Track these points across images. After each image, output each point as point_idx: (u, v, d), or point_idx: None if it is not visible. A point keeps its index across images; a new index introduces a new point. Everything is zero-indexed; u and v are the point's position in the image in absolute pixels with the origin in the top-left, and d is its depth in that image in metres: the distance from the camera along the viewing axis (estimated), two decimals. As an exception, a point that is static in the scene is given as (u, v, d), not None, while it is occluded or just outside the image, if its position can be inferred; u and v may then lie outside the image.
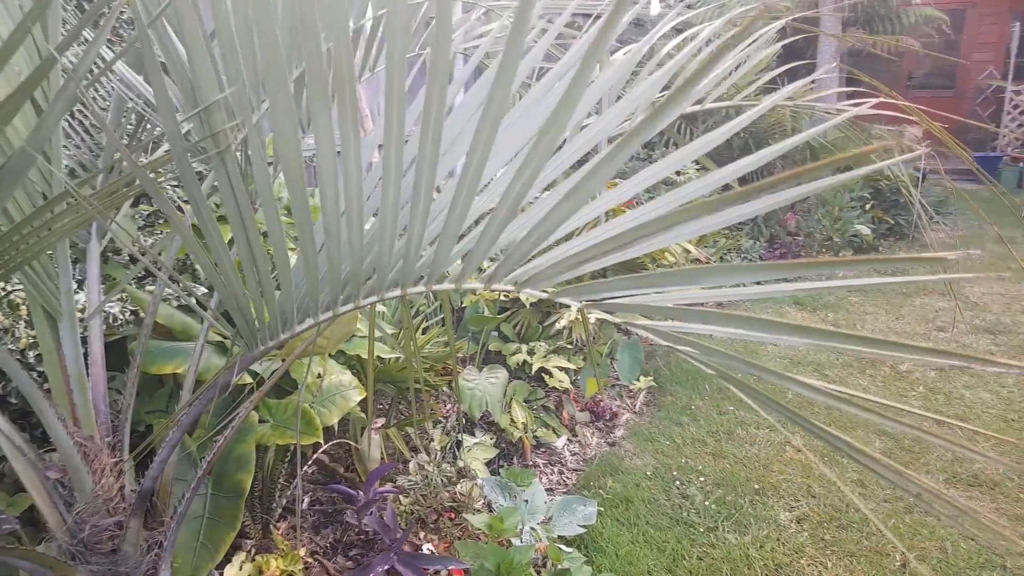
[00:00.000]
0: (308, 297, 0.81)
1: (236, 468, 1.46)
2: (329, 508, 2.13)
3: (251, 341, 0.88)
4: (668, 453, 2.84)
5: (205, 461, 1.18)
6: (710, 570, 2.16)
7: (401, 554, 1.71)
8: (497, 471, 2.62)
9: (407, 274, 0.75)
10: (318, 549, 1.90)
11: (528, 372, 3.10)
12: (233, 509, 1.40)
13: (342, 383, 1.94)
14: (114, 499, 1.11)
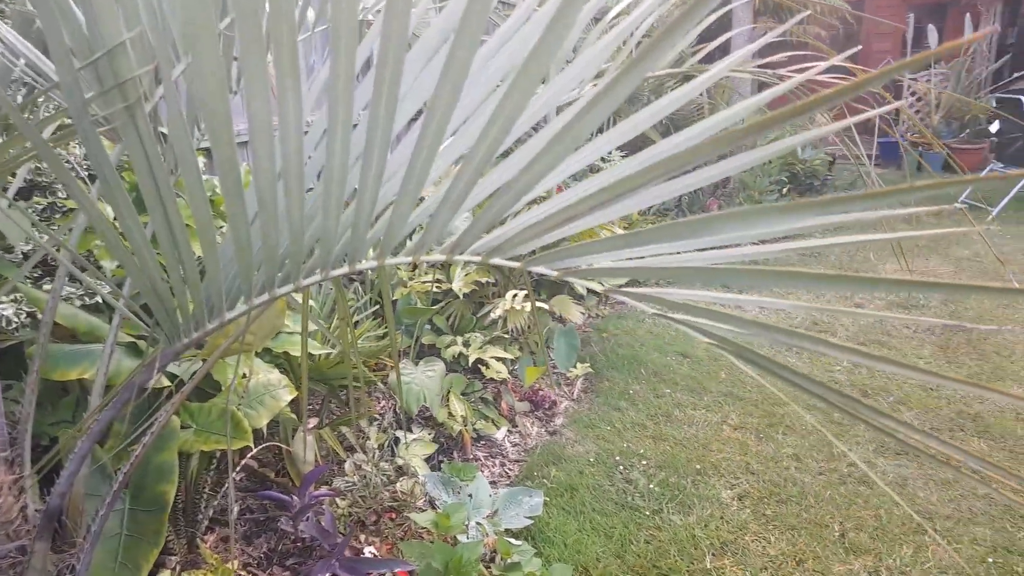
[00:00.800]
0: (240, 278, 0.71)
1: (157, 479, 1.32)
2: (261, 516, 1.99)
3: (172, 333, 0.77)
4: (609, 438, 2.82)
5: (121, 473, 1.05)
6: (658, 553, 2.15)
7: (343, 560, 1.60)
8: (438, 467, 2.54)
9: (357, 247, 0.66)
10: (251, 560, 1.77)
11: (464, 364, 3.03)
12: (155, 524, 1.27)
13: (271, 382, 1.81)
14: (15, 521, 0.97)
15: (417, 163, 0.57)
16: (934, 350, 3.61)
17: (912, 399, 3.10)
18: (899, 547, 2.17)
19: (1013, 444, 2.73)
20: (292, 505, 1.77)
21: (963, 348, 3.60)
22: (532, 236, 0.60)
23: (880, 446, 2.75)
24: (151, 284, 0.70)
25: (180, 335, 0.78)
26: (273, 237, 0.65)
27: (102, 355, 1.13)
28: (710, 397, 3.17)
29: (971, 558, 2.12)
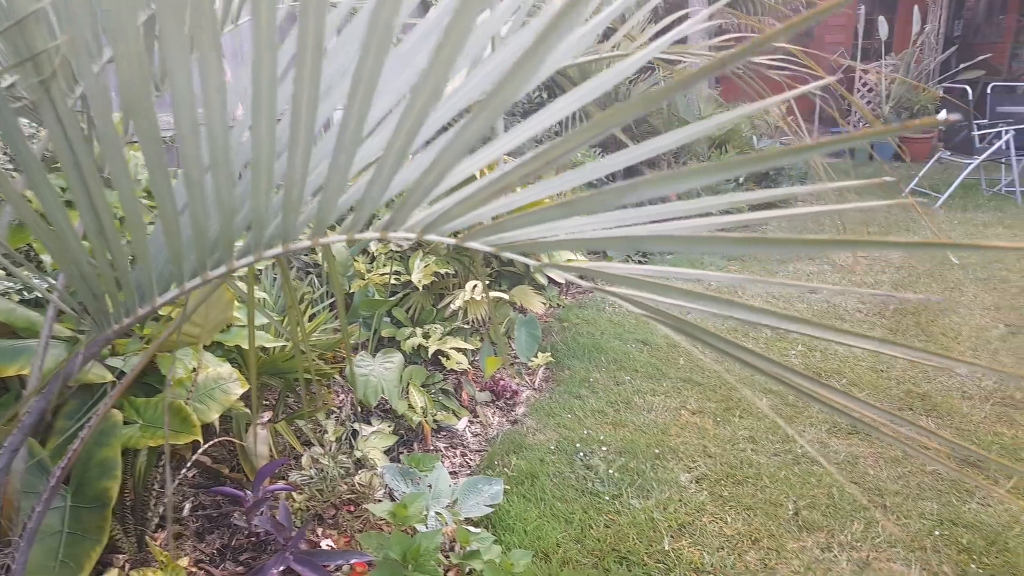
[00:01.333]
0: (170, 262, 0.69)
1: (100, 475, 1.29)
2: (214, 512, 1.95)
3: (102, 320, 0.75)
4: (570, 426, 2.84)
5: (58, 468, 1.02)
6: (617, 537, 2.17)
7: (297, 553, 1.58)
8: (398, 458, 2.53)
9: (289, 228, 0.65)
10: (203, 557, 1.73)
11: (424, 356, 3.01)
12: (99, 520, 1.23)
13: (221, 376, 1.78)
14: (-57, 521, 0.94)
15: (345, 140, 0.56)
16: (884, 332, 3.70)
17: (863, 381, 3.18)
18: (850, 523, 2.23)
19: (959, 421, 2.81)
20: (246, 500, 1.74)
21: (912, 330, 3.70)
22: (467, 210, 0.59)
23: (832, 427, 2.81)
24: (77, 269, 0.68)
25: (110, 321, 0.75)
26: (202, 219, 0.64)
27: (37, 348, 1.09)
28: (669, 383, 3.21)
29: (919, 531, 2.18)
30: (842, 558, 2.08)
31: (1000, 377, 3.16)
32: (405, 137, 0.55)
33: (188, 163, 0.63)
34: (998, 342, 3.51)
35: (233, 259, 0.69)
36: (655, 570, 2.03)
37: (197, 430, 1.53)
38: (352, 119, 0.55)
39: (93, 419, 1.04)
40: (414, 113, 0.54)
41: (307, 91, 0.53)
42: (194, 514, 1.90)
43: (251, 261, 0.68)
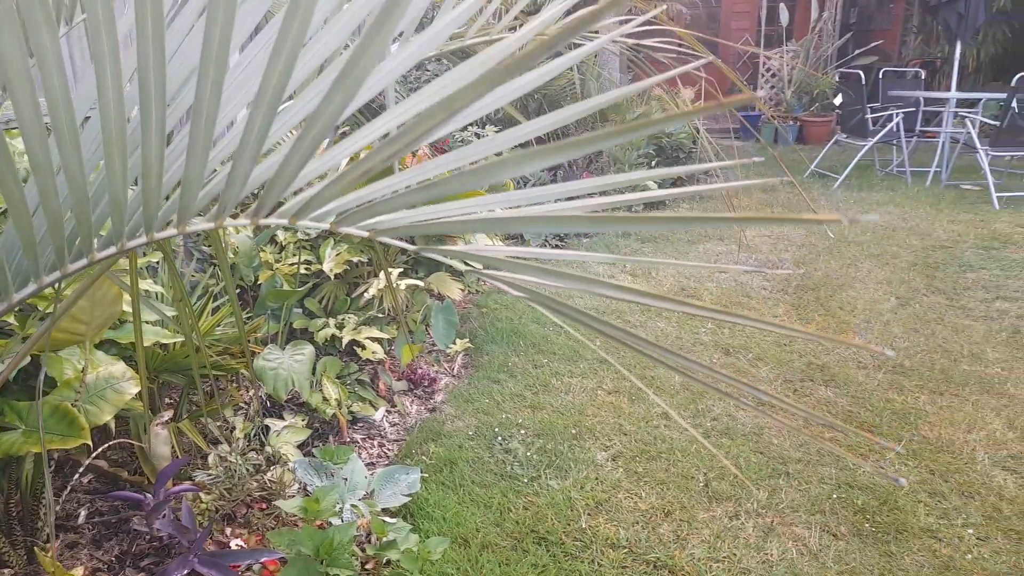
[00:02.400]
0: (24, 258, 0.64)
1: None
2: (112, 518, 1.86)
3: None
4: (489, 411, 2.84)
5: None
6: (535, 518, 2.19)
7: (202, 555, 1.53)
8: (311, 453, 2.47)
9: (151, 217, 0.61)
10: (101, 566, 1.65)
11: (339, 346, 2.94)
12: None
13: (113, 375, 1.68)
14: None
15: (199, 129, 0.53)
16: (787, 308, 3.87)
17: (768, 355, 3.31)
18: (756, 492, 2.32)
19: (855, 390, 2.97)
20: (146, 503, 1.66)
21: (812, 306, 3.89)
22: (339, 193, 0.57)
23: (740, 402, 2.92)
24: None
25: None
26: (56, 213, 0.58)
27: None
28: (586, 364, 3.26)
29: (819, 496, 2.30)
30: (748, 525, 2.17)
31: (892, 346, 3.36)
32: (259, 128, 0.52)
33: (34, 152, 0.58)
34: (889, 314, 3.73)
35: (94, 250, 0.64)
36: (572, 548, 2.07)
37: (86, 433, 1.45)
38: (202, 115, 0.52)
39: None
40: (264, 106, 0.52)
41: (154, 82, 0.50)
42: (90, 521, 1.80)
43: (114, 252, 0.64)
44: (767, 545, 2.08)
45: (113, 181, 0.57)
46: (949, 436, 2.61)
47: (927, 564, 2.00)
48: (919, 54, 10.09)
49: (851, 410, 2.82)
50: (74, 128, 0.55)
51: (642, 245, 5.11)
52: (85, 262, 0.65)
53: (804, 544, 2.09)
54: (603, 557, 2.03)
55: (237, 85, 0.72)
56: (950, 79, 6.91)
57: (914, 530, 2.13)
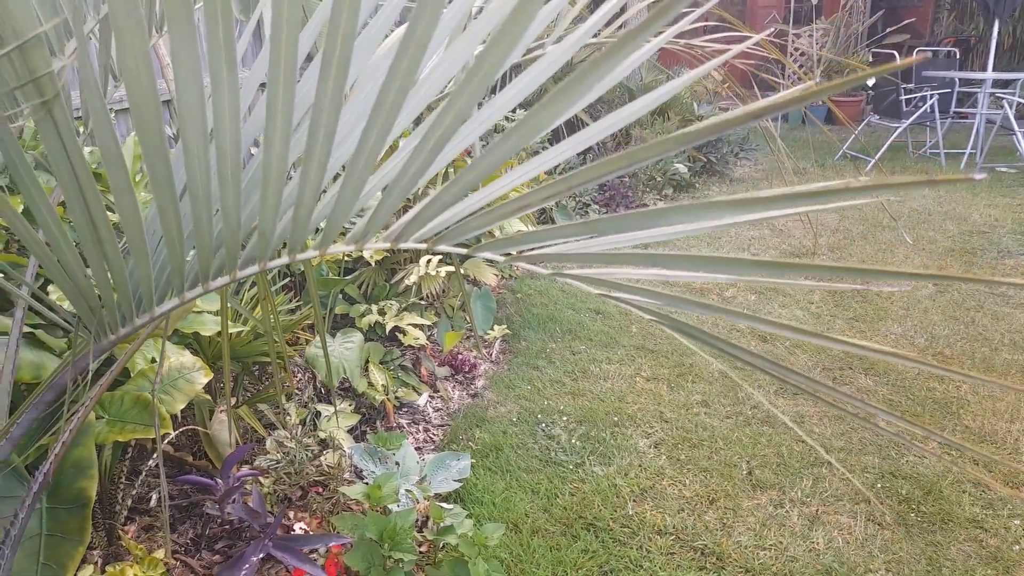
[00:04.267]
0: (171, 271, 0.68)
1: (76, 475, 1.26)
2: (183, 501, 1.93)
3: (99, 330, 0.73)
4: (530, 397, 2.89)
5: (40, 473, 1.00)
6: (583, 504, 2.24)
7: (275, 539, 1.59)
8: (361, 437, 2.53)
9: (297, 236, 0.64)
10: (178, 548, 1.72)
11: (381, 332, 3.00)
12: (78, 521, 1.21)
13: (184, 365, 1.74)
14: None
15: (366, 146, 0.56)
16: (823, 295, 3.86)
17: (807, 343, 3.32)
18: (800, 480, 2.35)
19: (895, 378, 2.98)
20: (216, 488, 1.72)
21: (850, 293, 3.87)
22: (435, 213, 0.60)
23: (780, 388, 2.95)
24: (75, 283, 0.66)
25: (107, 332, 0.73)
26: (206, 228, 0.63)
27: (7, 350, 1.05)
28: (623, 351, 3.29)
29: (863, 484, 2.33)
30: (793, 513, 2.20)
31: (931, 334, 3.36)
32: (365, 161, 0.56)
33: (193, 167, 0.61)
34: (928, 301, 3.71)
35: (237, 268, 0.68)
36: (621, 534, 2.11)
37: (168, 423, 1.51)
38: (365, 153, 0.55)
39: (74, 421, 1.01)
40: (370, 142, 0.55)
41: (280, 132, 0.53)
42: (161, 504, 1.87)
43: (256, 271, 0.67)
44: (813, 534, 2.12)
45: (266, 207, 0.61)
46: (991, 426, 2.62)
47: (974, 555, 2.02)
48: (952, 32, 9.89)
49: (892, 399, 2.83)
50: (238, 173, 0.58)
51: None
52: (227, 279, 0.69)
53: (850, 533, 2.12)
54: (651, 543, 2.08)
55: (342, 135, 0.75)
56: (984, 58, 6.78)
57: (960, 520, 2.15)
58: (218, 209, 0.65)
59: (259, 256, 0.67)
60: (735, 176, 6.45)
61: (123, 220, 0.62)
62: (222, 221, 0.64)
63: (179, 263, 0.66)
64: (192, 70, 0.56)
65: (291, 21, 0.50)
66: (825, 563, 2.00)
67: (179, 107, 0.57)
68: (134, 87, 0.56)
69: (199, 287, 0.70)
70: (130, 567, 1.42)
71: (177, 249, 0.65)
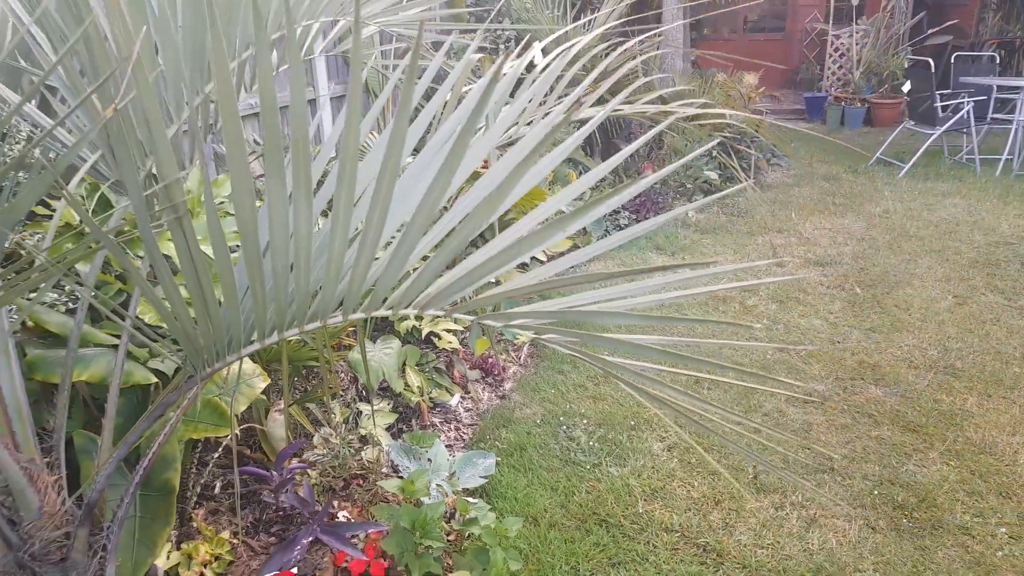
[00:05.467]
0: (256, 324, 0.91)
1: (163, 468, 1.52)
2: (243, 490, 2.20)
3: (199, 366, 0.97)
4: (554, 400, 3.10)
5: (140, 467, 1.26)
6: (597, 502, 2.45)
7: (323, 524, 1.84)
8: (398, 434, 2.78)
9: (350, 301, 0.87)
10: (239, 530, 1.99)
11: (418, 336, 3.24)
12: (166, 506, 1.47)
13: (246, 372, 2.00)
14: (58, 513, 1.17)
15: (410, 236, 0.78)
16: (843, 305, 3.99)
17: (821, 353, 3.47)
18: (801, 485, 2.53)
19: (904, 390, 3.12)
20: (271, 479, 1.98)
21: (869, 304, 4.00)
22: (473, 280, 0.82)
23: (790, 398, 3.11)
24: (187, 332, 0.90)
25: (206, 367, 0.98)
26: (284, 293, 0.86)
27: (115, 367, 1.31)
28: (645, 359, 3.47)
29: (861, 491, 2.49)
30: (793, 516, 2.38)
31: (944, 346, 3.47)
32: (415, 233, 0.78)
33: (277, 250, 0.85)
34: (945, 313, 3.82)
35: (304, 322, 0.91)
36: (630, 530, 2.32)
37: (233, 423, 1.76)
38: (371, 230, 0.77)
39: (169, 424, 1.27)
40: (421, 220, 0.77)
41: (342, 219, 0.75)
42: (224, 492, 2.14)
43: (317, 325, 0.91)
44: (809, 535, 2.29)
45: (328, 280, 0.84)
46: (992, 438, 2.75)
47: (958, 559, 2.18)
48: (997, 32, 9.73)
49: (899, 409, 2.98)
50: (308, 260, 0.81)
51: (701, 236, 5.25)
52: (296, 332, 0.92)
53: (844, 536, 2.29)
54: (657, 539, 2.28)
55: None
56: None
57: (949, 527, 2.31)
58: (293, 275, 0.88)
59: (321, 314, 0.90)
60: (767, 182, 6.54)
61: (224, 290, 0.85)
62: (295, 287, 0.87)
63: (263, 320, 0.90)
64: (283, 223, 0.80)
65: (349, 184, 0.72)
66: (817, 562, 2.18)
67: (272, 243, 0.80)
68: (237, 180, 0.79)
69: (275, 335, 0.93)
70: (202, 544, 1.69)
71: (262, 310, 0.88)
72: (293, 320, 0.92)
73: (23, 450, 1.10)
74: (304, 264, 0.83)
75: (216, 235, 0.80)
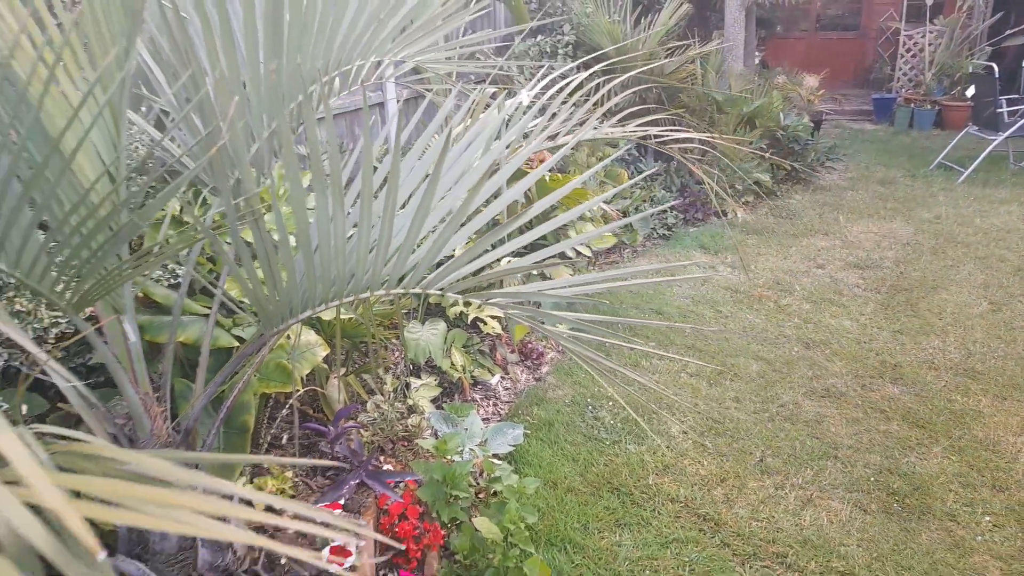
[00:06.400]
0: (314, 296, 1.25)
1: (241, 411, 1.90)
2: (304, 442, 2.59)
3: (268, 328, 1.32)
4: (584, 384, 3.40)
5: (224, 407, 1.63)
6: (612, 473, 2.74)
7: (368, 471, 2.20)
8: (441, 406, 3.13)
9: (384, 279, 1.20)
10: (300, 472, 2.37)
11: (465, 321, 3.58)
12: (242, 442, 1.85)
13: (310, 342, 2.38)
14: (163, 436, 1.55)
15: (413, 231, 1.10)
16: (876, 307, 4.12)
17: (845, 351, 3.64)
18: (804, 470, 2.75)
19: (920, 389, 3.27)
20: (328, 434, 2.36)
21: (902, 307, 4.12)
22: (512, 270, 1.13)
23: (809, 390, 3.31)
24: (261, 302, 1.25)
25: (273, 326, 1.32)
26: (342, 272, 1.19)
27: (206, 330, 1.69)
28: (674, 349, 3.73)
29: (860, 478, 2.69)
30: (791, 496, 2.61)
31: (968, 350, 3.59)
32: (451, 224, 1.09)
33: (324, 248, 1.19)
34: (976, 318, 3.91)
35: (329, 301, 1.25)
36: (639, 498, 2.60)
37: (299, 382, 2.14)
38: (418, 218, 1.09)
39: (246, 376, 1.64)
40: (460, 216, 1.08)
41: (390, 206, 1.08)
42: (290, 442, 2.54)
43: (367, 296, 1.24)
44: (803, 512, 2.52)
45: (377, 258, 1.17)
46: (998, 437, 2.89)
47: (939, 541, 2.37)
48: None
49: (911, 407, 3.14)
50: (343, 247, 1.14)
51: (746, 237, 5.41)
52: (338, 302, 1.25)
53: (835, 515, 2.51)
54: (663, 507, 2.55)
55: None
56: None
57: (937, 513, 2.49)
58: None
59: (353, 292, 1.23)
60: (820, 184, 6.60)
61: (288, 270, 1.19)
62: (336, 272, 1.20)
63: (313, 292, 1.23)
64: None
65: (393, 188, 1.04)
66: (806, 535, 2.41)
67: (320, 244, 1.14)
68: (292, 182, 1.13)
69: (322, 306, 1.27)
70: (270, 479, 2.07)
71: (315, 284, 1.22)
72: (334, 296, 1.26)
73: (140, 385, 1.48)
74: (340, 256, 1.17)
75: (282, 234, 1.14)
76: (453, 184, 1.37)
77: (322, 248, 1.13)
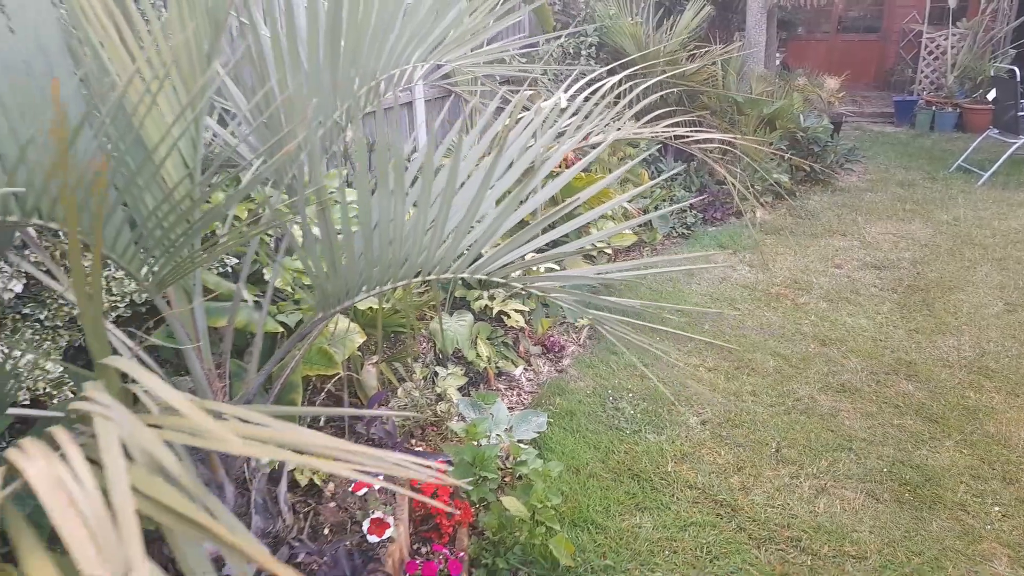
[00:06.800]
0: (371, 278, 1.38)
1: (289, 391, 2.04)
2: (341, 424, 2.73)
3: (325, 306, 1.45)
4: (605, 376, 3.51)
5: (277, 384, 1.77)
6: (632, 460, 2.85)
7: (401, 451, 2.33)
8: (467, 394, 3.25)
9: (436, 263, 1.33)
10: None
11: (490, 314, 3.71)
12: (291, 419, 1.99)
13: (348, 329, 2.51)
14: (224, 410, 1.69)
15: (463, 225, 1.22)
16: (892, 306, 4.20)
17: (861, 349, 3.72)
18: (818, 460, 2.84)
19: (934, 386, 3.35)
20: (363, 417, 2.49)
21: (918, 307, 4.19)
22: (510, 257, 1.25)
23: (825, 385, 3.39)
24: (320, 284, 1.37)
25: (329, 307, 1.45)
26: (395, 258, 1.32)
27: (255, 316, 1.82)
28: (693, 344, 3.83)
29: (872, 469, 2.79)
30: (805, 484, 2.71)
31: (982, 349, 3.66)
32: (497, 218, 1.21)
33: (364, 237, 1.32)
34: (992, 319, 3.97)
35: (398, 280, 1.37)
36: (658, 484, 2.71)
37: (338, 366, 2.28)
38: (470, 214, 1.21)
39: (296, 357, 1.77)
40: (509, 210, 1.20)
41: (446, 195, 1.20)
42: (328, 424, 2.68)
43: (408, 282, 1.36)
44: (817, 500, 2.62)
45: (432, 245, 1.29)
46: (1010, 432, 2.97)
47: (949, 529, 2.46)
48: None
49: (924, 403, 3.22)
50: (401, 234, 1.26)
51: (764, 236, 5.49)
52: (391, 286, 1.38)
53: (848, 503, 2.61)
54: (681, 493, 2.66)
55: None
56: None
57: (948, 503, 2.58)
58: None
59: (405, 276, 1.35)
60: (839, 185, 6.66)
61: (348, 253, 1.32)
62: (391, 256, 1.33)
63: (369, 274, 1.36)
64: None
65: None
66: (819, 522, 2.51)
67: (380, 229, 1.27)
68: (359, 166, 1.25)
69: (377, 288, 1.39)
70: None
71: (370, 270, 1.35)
72: (389, 278, 1.38)
73: (204, 362, 1.62)
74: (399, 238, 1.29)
75: (345, 225, 1.26)
76: (504, 171, 1.49)
77: (381, 226, 1.26)
